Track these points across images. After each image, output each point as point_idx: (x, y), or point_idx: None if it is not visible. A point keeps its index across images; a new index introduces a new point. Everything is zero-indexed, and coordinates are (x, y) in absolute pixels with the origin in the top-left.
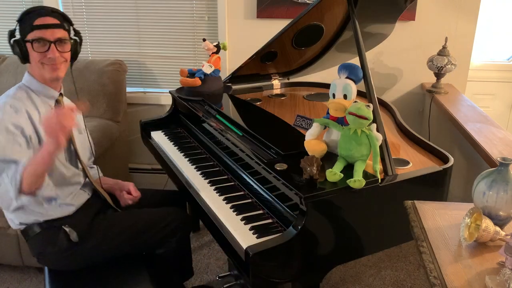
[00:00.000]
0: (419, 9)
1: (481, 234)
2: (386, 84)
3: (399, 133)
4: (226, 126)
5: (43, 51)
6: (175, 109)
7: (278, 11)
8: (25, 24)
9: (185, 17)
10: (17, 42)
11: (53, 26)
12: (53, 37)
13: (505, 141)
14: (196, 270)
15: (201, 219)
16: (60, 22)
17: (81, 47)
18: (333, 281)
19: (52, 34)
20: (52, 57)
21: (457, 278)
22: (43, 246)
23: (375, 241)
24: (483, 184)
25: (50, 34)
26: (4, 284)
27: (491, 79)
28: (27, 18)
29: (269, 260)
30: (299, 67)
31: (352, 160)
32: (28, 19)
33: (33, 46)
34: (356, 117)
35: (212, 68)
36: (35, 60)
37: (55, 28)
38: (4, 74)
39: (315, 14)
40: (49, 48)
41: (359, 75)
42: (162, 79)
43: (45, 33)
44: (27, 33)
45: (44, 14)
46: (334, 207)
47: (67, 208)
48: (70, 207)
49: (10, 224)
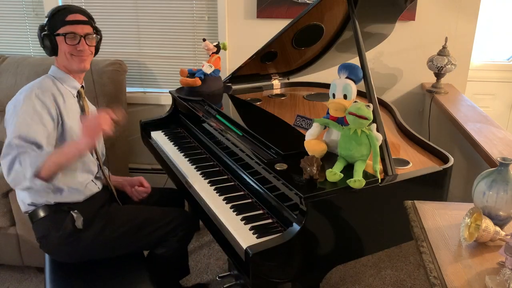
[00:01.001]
0: (419, 9)
1: (481, 234)
2: (386, 84)
3: (399, 133)
4: (226, 126)
5: (74, 44)
6: (175, 109)
7: (278, 11)
8: (56, 19)
9: (185, 17)
10: (48, 35)
11: (83, 22)
12: (83, 31)
13: (505, 141)
14: (196, 270)
15: (201, 219)
16: (88, 19)
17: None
18: (333, 281)
19: (82, 29)
20: (82, 49)
21: (457, 278)
22: (48, 229)
23: (375, 241)
24: (483, 184)
25: (80, 29)
26: (4, 284)
27: (491, 79)
28: (58, 15)
29: (269, 260)
30: (299, 67)
31: (352, 160)
32: (59, 15)
33: (66, 39)
34: (356, 117)
35: (212, 68)
36: (66, 52)
37: (84, 24)
38: (4, 74)
39: (315, 14)
40: (79, 42)
41: (359, 75)
42: (162, 79)
43: (76, 28)
44: (59, 28)
45: (74, 11)
46: (334, 207)
47: (77, 195)
48: (80, 194)
49: (20, 206)
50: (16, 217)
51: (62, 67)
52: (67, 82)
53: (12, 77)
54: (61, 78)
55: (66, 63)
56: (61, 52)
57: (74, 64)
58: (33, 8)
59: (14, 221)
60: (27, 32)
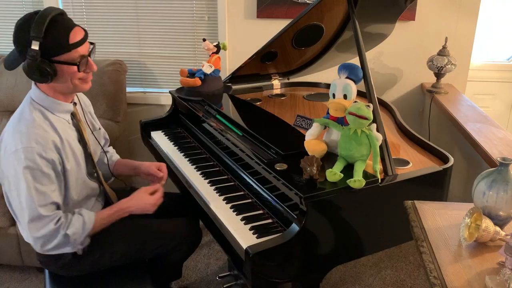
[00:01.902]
0: (419, 9)
1: (481, 234)
2: (386, 84)
3: (399, 133)
4: (226, 126)
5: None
6: (175, 109)
7: (278, 11)
8: (53, 41)
9: (185, 17)
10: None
11: (86, 38)
12: (88, 49)
13: (505, 141)
14: (196, 270)
15: (201, 219)
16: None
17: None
18: (333, 281)
19: (86, 47)
20: (92, 70)
21: (457, 278)
22: (47, 258)
23: (375, 241)
24: (483, 184)
25: (86, 48)
26: (4, 284)
27: (491, 79)
28: (56, 34)
29: (269, 260)
30: (299, 67)
31: (352, 160)
32: (58, 35)
33: (79, 68)
34: (356, 117)
35: (212, 68)
36: (73, 79)
37: (87, 39)
38: (4, 74)
39: (315, 14)
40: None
41: (359, 75)
42: (162, 79)
43: (83, 49)
44: (62, 53)
45: (72, 25)
46: (334, 207)
47: None
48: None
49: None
50: None
51: (52, 93)
52: (58, 109)
53: (12, 77)
54: (51, 107)
55: (69, 89)
56: (65, 79)
57: (80, 88)
58: (33, 8)
59: (14, 221)
60: None
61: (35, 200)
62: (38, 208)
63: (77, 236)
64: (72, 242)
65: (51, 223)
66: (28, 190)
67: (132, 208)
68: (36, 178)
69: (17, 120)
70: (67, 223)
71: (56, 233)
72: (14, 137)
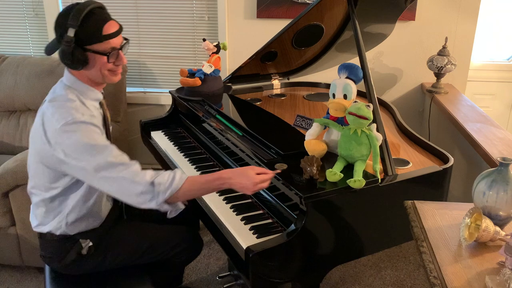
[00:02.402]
0: (419, 9)
1: (481, 234)
2: (386, 84)
3: (399, 133)
4: (226, 126)
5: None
6: (175, 109)
7: (278, 11)
8: (89, 31)
9: (185, 17)
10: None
11: (120, 31)
12: (120, 43)
13: (505, 141)
14: (196, 270)
15: (201, 219)
16: (120, 26)
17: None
18: (333, 281)
19: (119, 41)
20: (122, 64)
21: (457, 278)
22: (52, 254)
23: (375, 241)
24: (483, 184)
25: (118, 41)
26: (4, 284)
27: (491, 79)
28: (91, 24)
29: (269, 260)
30: (299, 67)
31: (352, 160)
32: (93, 25)
33: (109, 58)
34: (356, 117)
35: (212, 68)
36: (103, 69)
37: (120, 33)
38: (4, 74)
39: (315, 14)
40: (118, 56)
41: (359, 75)
42: (162, 79)
43: (115, 41)
44: (95, 43)
45: (108, 18)
46: (334, 207)
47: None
48: (98, 220)
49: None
50: (16, 217)
51: (85, 79)
52: (91, 95)
53: (12, 77)
54: (84, 93)
55: (99, 78)
56: (96, 68)
57: (108, 79)
58: (33, 8)
59: (14, 221)
60: (27, 32)
61: (106, 149)
62: (110, 156)
63: (162, 187)
64: (156, 193)
65: (134, 166)
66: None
67: (233, 180)
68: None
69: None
70: (156, 173)
71: (142, 178)
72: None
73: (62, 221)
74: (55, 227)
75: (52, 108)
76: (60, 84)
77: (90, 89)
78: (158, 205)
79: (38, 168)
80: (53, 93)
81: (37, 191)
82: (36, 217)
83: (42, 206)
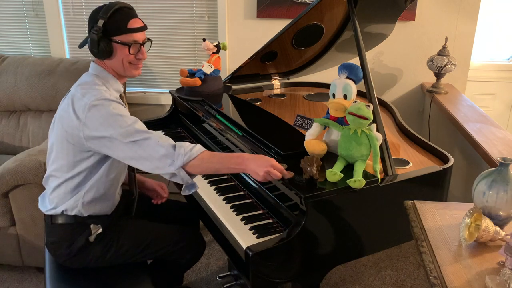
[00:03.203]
0: (419, 9)
1: (481, 234)
2: (386, 84)
3: (399, 133)
4: (226, 126)
5: (136, 53)
6: (175, 109)
7: (278, 11)
8: (116, 23)
9: (185, 17)
10: (106, 39)
11: (144, 29)
12: (143, 39)
13: (505, 141)
14: (196, 270)
15: (201, 219)
16: (144, 24)
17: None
18: (333, 281)
19: (142, 36)
20: (142, 57)
21: (457, 278)
22: (60, 238)
23: (375, 241)
24: (483, 184)
25: (141, 36)
26: (4, 284)
27: (491, 79)
28: (118, 18)
29: (269, 260)
30: (299, 67)
31: (352, 160)
32: (120, 19)
33: (130, 49)
34: (356, 117)
35: (212, 68)
36: (124, 60)
37: (144, 30)
38: (4, 74)
39: (315, 14)
40: (139, 50)
41: (359, 75)
42: (162, 79)
43: (138, 36)
44: (119, 34)
45: (134, 15)
46: (334, 207)
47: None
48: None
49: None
50: (16, 217)
51: (110, 70)
52: (114, 85)
53: (12, 77)
54: (108, 81)
55: (121, 69)
56: (118, 59)
57: (129, 72)
58: (33, 8)
59: (14, 221)
60: (27, 32)
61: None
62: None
63: (182, 150)
64: (177, 155)
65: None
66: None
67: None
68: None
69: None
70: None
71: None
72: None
73: (79, 200)
74: (72, 206)
75: (82, 90)
76: (87, 74)
77: (113, 79)
78: (177, 169)
79: (63, 148)
80: (80, 81)
81: (58, 173)
82: (53, 200)
83: (62, 188)
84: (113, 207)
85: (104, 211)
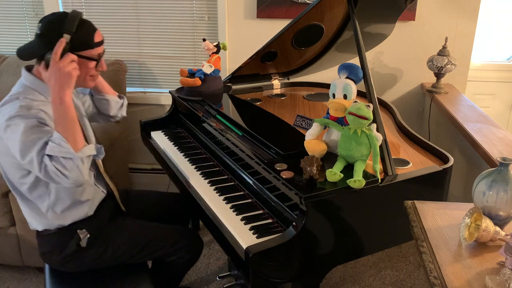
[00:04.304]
0: (419, 9)
1: (481, 234)
2: (386, 84)
3: (399, 133)
4: (226, 126)
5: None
6: (175, 109)
7: (278, 11)
8: (82, 37)
9: (185, 17)
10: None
11: (103, 42)
12: (102, 51)
13: (505, 141)
14: (196, 270)
15: (201, 219)
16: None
17: None
18: (333, 281)
19: (102, 49)
20: (103, 70)
21: (457, 278)
22: (51, 247)
23: (375, 241)
24: (483, 184)
25: (102, 50)
26: (4, 284)
27: (491, 79)
28: (85, 32)
29: (269, 260)
30: (299, 67)
31: (352, 160)
32: (86, 33)
33: (97, 65)
34: (356, 117)
35: (212, 68)
36: (88, 74)
37: (103, 43)
38: (4, 74)
39: (315, 14)
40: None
41: (359, 75)
42: (162, 79)
43: (101, 50)
44: (87, 49)
45: (95, 28)
46: (334, 207)
47: (88, 208)
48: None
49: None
50: (16, 217)
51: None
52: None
53: (12, 77)
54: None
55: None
56: (81, 73)
57: (87, 84)
58: (33, 8)
59: (14, 221)
60: (27, 32)
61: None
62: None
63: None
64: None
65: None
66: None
67: (52, 81)
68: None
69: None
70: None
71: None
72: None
73: (50, 214)
74: (49, 223)
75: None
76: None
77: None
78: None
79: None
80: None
81: (14, 191)
82: (31, 222)
83: (25, 206)
84: (93, 206)
85: (85, 213)
